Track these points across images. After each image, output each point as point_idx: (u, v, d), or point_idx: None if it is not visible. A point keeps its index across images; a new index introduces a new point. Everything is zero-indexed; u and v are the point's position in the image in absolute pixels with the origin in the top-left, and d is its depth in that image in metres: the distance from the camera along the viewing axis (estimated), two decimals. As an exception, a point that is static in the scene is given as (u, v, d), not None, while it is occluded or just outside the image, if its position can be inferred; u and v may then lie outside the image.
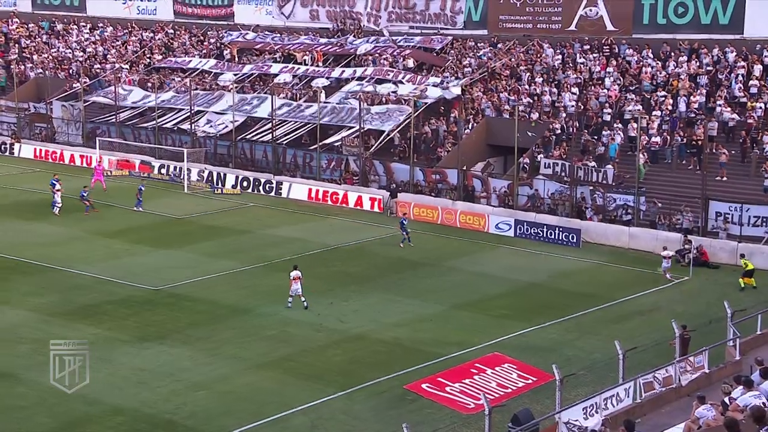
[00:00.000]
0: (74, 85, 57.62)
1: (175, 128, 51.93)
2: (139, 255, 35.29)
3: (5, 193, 43.98)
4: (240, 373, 24.35)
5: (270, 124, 48.92)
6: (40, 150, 54.06)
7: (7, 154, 54.85)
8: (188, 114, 51.97)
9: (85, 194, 41.50)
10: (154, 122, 52.25)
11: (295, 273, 29.14)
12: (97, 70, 59.61)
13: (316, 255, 35.72)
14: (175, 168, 47.69)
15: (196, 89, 53.87)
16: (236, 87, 52.48)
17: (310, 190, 44.91)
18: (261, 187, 45.98)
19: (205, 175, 47.27)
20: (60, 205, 40.45)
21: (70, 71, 60.41)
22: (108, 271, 32.78)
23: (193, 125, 51.21)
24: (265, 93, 51.64)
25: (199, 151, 49.25)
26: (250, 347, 26.09)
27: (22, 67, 61.54)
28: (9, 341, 26.06)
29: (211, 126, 51.26)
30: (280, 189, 45.56)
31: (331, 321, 28.34)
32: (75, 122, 55.18)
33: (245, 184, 46.49)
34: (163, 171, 48.46)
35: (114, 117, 54.02)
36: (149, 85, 55.78)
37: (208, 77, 56.09)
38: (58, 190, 40.49)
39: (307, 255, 35.50)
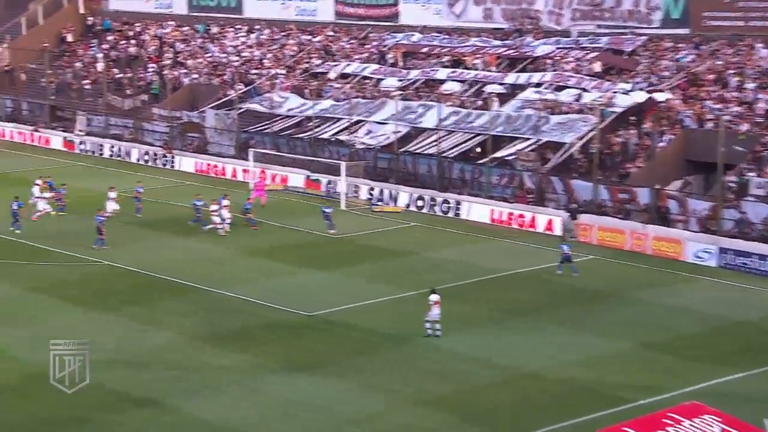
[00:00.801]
0: (228, 93, 59.98)
1: (333, 139, 53.13)
2: (291, 276, 36.26)
3: (159, 207, 46.13)
4: (397, 410, 24.48)
5: (436, 135, 49.23)
6: (201, 163, 56.27)
7: (167, 167, 57.28)
8: (347, 124, 53.08)
9: (249, 207, 43.04)
10: (311, 133, 53.63)
11: (434, 297, 29.28)
12: (253, 76, 61.88)
13: (483, 282, 35.56)
14: (349, 185, 48.36)
15: (357, 97, 54.98)
16: (400, 94, 53.17)
17: (492, 211, 44.65)
18: (438, 207, 46.00)
19: (376, 192, 47.92)
20: (220, 225, 41.71)
21: (225, 77, 63.03)
22: (258, 292, 33.84)
23: (352, 136, 52.24)
24: (432, 101, 52.04)
25: (358, 165, 50.10)
26: (409, 381, 26.21)
27: (176, 73, 64.70)
28: (155, 365, 27.32)
29: (371, 137, 52.11)
30: (459, 209, 45.56)
31: (499, 356, 28.10)
32: (228, 132, 57.44)
33: (420, 203, 46.77)
34: (331, 188, 49.29)
35: (268, 127, 55.78)
36: (306, 92, 57.40)
37: (370, 83, 57.15)
38: (225, 206, 42.01)
39: (474, 281, 35.41)
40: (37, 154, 60.99)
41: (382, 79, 56.80)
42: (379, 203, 47.71)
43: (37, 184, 45.99)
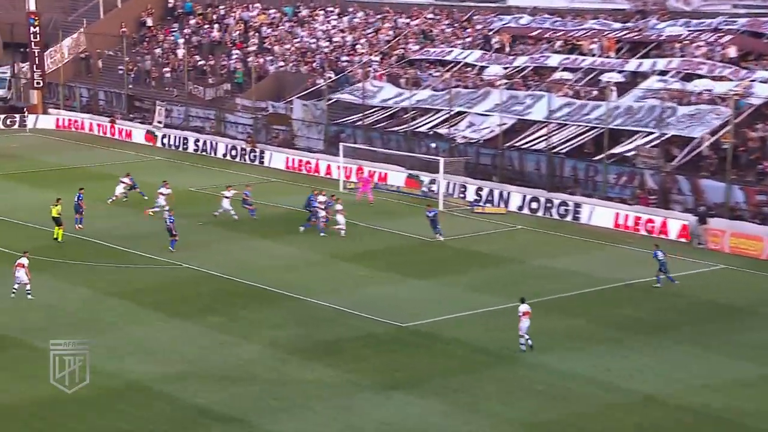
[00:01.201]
0: (317, 81, 60.43)
1: (431, 133, 53.08)
2: (384, 284, 36.32)
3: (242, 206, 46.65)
4: (502, 436, 24.32)
5: (545, 128, 48.74)
6: (291, 159, 56.69)
7: (255, 163, 57.77)
8: (447, 116, 52.97)
9: (331, 204, 42.98)
10: (407, 125, 53.68)
11: (524, 307, 29.23)
12: (344, 64, 62.25)
13: (598, 293, 35.18)
14: (448, 184, 48.11)
15: (457, 86, 54.83)
16: (505, 83, 52.83)
17: (616, 215, 43.91)
18: (554, 210, 45.53)
19: (484, 192, 47.63)
20: (328, 223, 42.00)
21: (314, 65, 63.54)
22: (349, 301, 33.98)
23: (452, 129, 52.09)
24: (541, 90, 51.60)
25: (458, 161, 49.93)
26: (516, 404, 26.02)
27: (262, 60, 65.49)
28: (241, 379, 27.64)
29: (473, 130, 51.94)
30: (578, 212, 44.99)
31: (616, 377, 27.73)
32: (317, 124, 57.84)
33: (534, 205, 46.35)
34: (434, 188, 49.03)
35: (360, 119, 55.96)
36: (402, 81, 57.45)
37: (472, 71, 56.92)
38: (320, 203, 42.27)
39: (588, 292, 35.04)
40: (117, 147, 62.40)
41: (486, 67, 56.63)
42: (487, 204, 47.35)
43: (123, 182, 47.12)
